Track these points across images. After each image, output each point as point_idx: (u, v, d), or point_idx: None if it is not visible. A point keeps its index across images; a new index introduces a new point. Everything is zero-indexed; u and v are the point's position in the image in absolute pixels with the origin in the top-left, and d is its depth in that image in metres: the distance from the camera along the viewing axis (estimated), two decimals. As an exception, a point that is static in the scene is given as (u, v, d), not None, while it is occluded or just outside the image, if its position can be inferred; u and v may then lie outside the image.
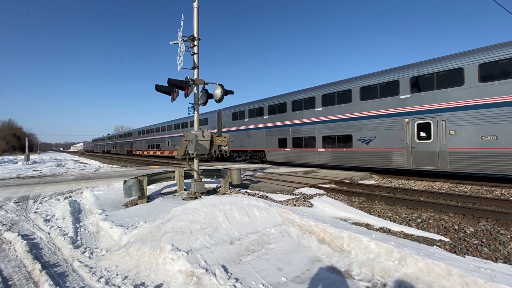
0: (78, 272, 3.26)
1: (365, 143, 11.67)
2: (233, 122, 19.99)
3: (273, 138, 16.53)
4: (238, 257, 3.38)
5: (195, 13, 6.80)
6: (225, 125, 20.78)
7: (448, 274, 2.64)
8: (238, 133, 19.40)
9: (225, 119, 20.81)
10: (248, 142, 18.59)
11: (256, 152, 18.25)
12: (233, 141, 19.41)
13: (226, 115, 20.71)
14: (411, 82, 10.34)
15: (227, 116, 20.64)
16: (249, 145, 18.51)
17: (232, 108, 20.48)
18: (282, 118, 15.97)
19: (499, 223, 4.88)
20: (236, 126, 19.69)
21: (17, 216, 5.69)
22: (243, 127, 19.04)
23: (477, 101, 8.80)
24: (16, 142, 64.40)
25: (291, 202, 6.28)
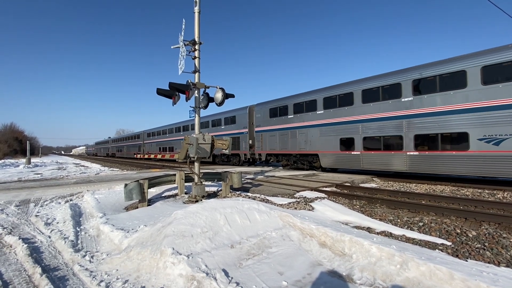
0: (79, 276, 3.25)
1: (493, 144, 8.57)
2: (271, 120, 16.77)
3: (331, 138, 13.33)
4: (239, 261, 3.36)
5: (196, 18, 6.85)
6: (259, 123, 17.74)
7: (451, 278, 2.62)
8: (278, 132, 16.29)
9: (259, 116, 17.75)
10: (293, 143, 15.31)
11: (304, 156, 15.06)
12: (270, 143, 16.81)
13: (261, 111, 17.58)
14: None
15: (262, 113, 17.51)
16: (294, 148, 15.27)
17: (270, 103, 17.24)
18: (347, 113, 12.69)
19: (502, 226, 4.85)
20: (275, 124, 16.48)
21: (18, 219, 5.69)
22: (286, 126, 15.78)
23: None
24: (18, 145, 64.63)
25: (292, 205, 6.26)
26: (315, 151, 14.23)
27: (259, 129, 17.85)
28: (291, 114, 15.64)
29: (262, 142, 17.42)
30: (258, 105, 18.39)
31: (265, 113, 17.47)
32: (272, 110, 16.95)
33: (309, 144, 14.50)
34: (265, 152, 17.36)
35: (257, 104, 18.50)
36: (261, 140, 17.51)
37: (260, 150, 17.68)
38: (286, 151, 15.93)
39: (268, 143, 17.08)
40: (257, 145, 17.87)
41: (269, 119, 17.05)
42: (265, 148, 17.33)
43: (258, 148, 17.79)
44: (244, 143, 19.19)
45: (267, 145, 17.11)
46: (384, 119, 11.37)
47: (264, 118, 17.47)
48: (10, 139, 63.61)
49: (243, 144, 19.31)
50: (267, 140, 17.14)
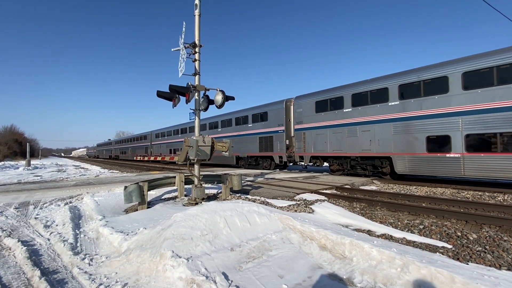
0: (78, 279, 3.24)
1: None
2: (318, 115, 13.94)
3: (412, 137, 10.28)
4: (238, 264, 3.35)
5: (196, 21, 6.89)
6: (300, 120, 14.89)
7: (452, 281, 2.61)
8: (328, 130, 13.42)
9: (300, 111, 14.91)
10: (351, 143, 12.40)
11: (367, 160, 12.08)
12: (316, 143, 13.97)
13: (304, 105, 14.73)
14: None
15: (305, 107, 14.64)
16: (352, 148, 12.34)
17: (316, 95, 14.29)
18: (438, 103, 9.70)
19: (502, 229, 4.83)
20: (325, 120, 13.65)
21: (17, 222, 5.68)
22: (340, 121, 12.90)
23: None
24: (18, 147, 64.62)
25: (292, 208, 6.25)
26: (386, 153, 11.09)
27: (301, 126, 14.76)
28: (348, 107, 12.54)
29: (304, 142, 14.56)
30: (299, 98, 15.31)
31: (309, 107, 14.41)
32: (320, 104, 13.89)
33: (377, 144, 11.40)
34: (308, 154, 14.33)
35: (298, 97, 15.47)
36: (303, 140, 14.57)
37: (302, 152, 14.71)
38: (340, 153, 12.91)
39: (313, 143, 14.08)
40: (297, 146, 14.97)
41: (315, 114, 14.06)
42: (309, 149, 14.33)
43: (299, 149, 14.91)
44: (279, 143, 16.24)
45: (311, 146, 14.12)
46: (503, 109, 8.30)
47: (307, 113, 14.46)
48: (10, 141, 63.62)
49: (277, 144, 16.32)
50: (311, 139, 14.15)
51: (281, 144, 16.14)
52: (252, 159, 18.82)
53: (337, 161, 13.49)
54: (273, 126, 16.74)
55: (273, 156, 16.82)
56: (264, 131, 17.41)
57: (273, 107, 16.90)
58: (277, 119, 16.48)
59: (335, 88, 13.64)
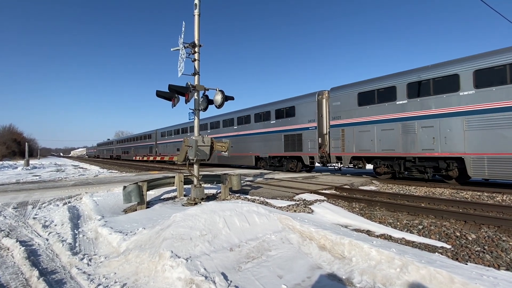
0: (76, 279, 3.23)
1: None
2: (362, 109, 11.92)
3: (494, 133, 8.49)
4: (238, 264, 3.34)
5: (196, 20, 6.88)
6: (337, 114, 12.95)
7: (451, 281, 2.61)
8: (376, 126, 11.35)
9: (337, 105, 12.99)
10: (407, 141, 10.37)
11: (428, 161, 10.16)
12: (359, 141, 11.99)
13: (344, 98, 12.74)
14: None
15: (344, 100, 12.67)
16: (409, 148, 10.31)
17: (358, 85, 12.31)
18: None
19: (501, 229, 4.84)
20: (371, 114, 11.57)
21: (16, 222, 5.66)
22: (392, 116, 10.83)
23: None
24: (16, 147, 64.42)
25: (292, 208, 6.25)
26: (456, 153, 9.28)
27: (338, 122, 12.88)
28: (403, 98, 10.55)
29: (343, 141, 12.68)
30: (335, 90, 13.25)
31: (349, 99, 12.52)
32: (364, 95, 11.97)
33: (442, 142, 9.56)
34: (349, 154, 12.41)
35: (334, 88, 13.41)
36: (342, 138, 12.69)
37: (340, 152, 12.79)
38: (391, 153, 10.94)
39: (355, 142, 12.17)
40: (334, 145, 13.10)
41: (358, 108, 12.15)
42: (349, 148, 12.41)
43: (336, 149, 13.03)
44: (309, 142, 14.23)
45: (352, 145, 12.23)
46: None
47: (347, 107, 12.56)
48: (9, 140, 63.44)
49: (307, 143, 14.34)
50: (352, 137, 12.25)
51: (312, 143, 14.16)
52: (275, 160, 16.64)
53: (386, 163, 11.43)
54: (302, 122, 14.67)
55: (302, 156, 14.75)
56: (290, 128, 15.39)
57: (302, 101, 14.82)
58: (307, 114, 14.42)
59: (384, 77, 11.48)
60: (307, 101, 14.56)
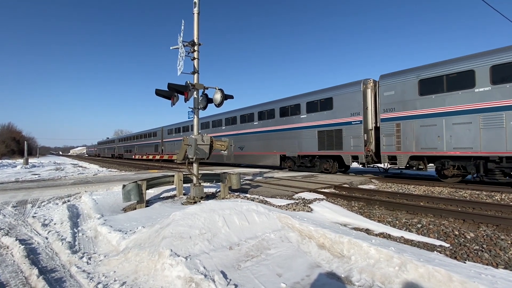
0: (76, 277, 3.23)
1: None
2: (425, 99, 10.02)
3: None
4: (237, 263, 3.35)
5: (195, 19, 6.86)
6: (391, 106, 10.93)
7: (449, 280, 2.62)
8: (443, 120, 9.57)
9: (390, 95, 10.98)
10: (490, 138, 8.69)
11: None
12: (420, 138, 10.13)
13: (399, 86, 10.76)
14: None
15: (401, 89, 10.73)
16: (493, 146, 8.64)
17: (418, 71, 10.34)
18: None
19: (500, 228, 4.86)
20: (436, 105, 9.75)
21: (15, 220, 5.66)
22: (467, 107, 9.12)
23: None
24: (15, 145, 64.30)
25: (291, 207, 6.26)
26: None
27: (392, 115, 10.94)
28: (484, 84, 8.73)
29: (398, 137, 10.75)
30: (387, 77, 11.20)
31: (407, 88, 10.56)
32: (428, 83, 10.06)
33: None
34: (407, 153, 10.47)
35: (385, 76, 11.33)
36: (397, 134, 10.77)
37: (394, 150, 10.81)
38: (467, 152, 9.11)
39: (415, 138, 10.28)
40: (385, 142, 11.11)
41: (419, 97, 10.23)
42: (407, 146, 10.48)
43: (388, 147, 11.03)
44: (352, 139, 12.31)
45: (412, 142, 10.32)
46: None
47: (405, 97, 10.62)
48: (8, 139, 63.33)
49: (349, 140, 12.42)
50: (412, 132, 10.35)
51: (356, 140, 12.20)
52: (306, 159, 14.70)
53: (457, 164, 9.63)
54: (342, 116, 12.77)
55: (342, 155, 12.83)
56: (326, 123, 13.48)
57: (342, 91, 12.86)
58: (349, 106, 12.46)
59: (455, 60, 9.62)
60: (350, 91, 12.51)
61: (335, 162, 13.62)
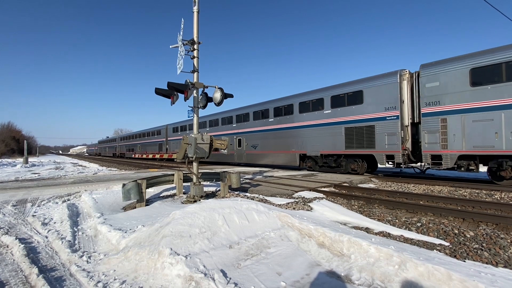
0: (76, 276, 3.23)
1: None
2: (478, 91, 8.99)
3: None
4: (237, 262, 3.36)
5: (195, 17, 6.84)
6: (435, 99, 9.87)
7: (449, 278, 2.62)
8: (502, 114, 8.56)
9: (436, 86, 9.85)
10: None
11: None
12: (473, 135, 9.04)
13: (446, 76, 9.63)
14: None
15: (447, 79, 9.60)
16: None
17: (468, 58, 9.31)
18: None
19: (499, 227, 4.87)
20: (492, 98, 8.77)
21: (15, 219, 5.66)
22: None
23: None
24: (15, 145, 64.27)
25: (291, 205, 6.26)
26: None
27: (436, 109, 9.86)
28: None
29: (445, 134, 9.69)
30: (430, 66, 10.07)
31: (455, 78, 9.47)
32: (482, 72, 8.98)
33: None
34: (455, 152, 9.41)
35: (427, 65, 10.18)
36: (443, 130, 9.75)
37: (438, 149, 9.72)
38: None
39: (465, 135, 9.21)
40: (428, 139, 10.03)
41: (471, 88, 9.13)
42: (455, 144, 9.40)
43: (432, 145, 9.94)
44: (387, 136, 11.14)
45: (461, 139, 9.31)
46: None
47: (453, 88, 9.50)
48: (8, 138, 63.28)
49: (383, 138, 11.25)
50: (461, 129, 9.30)
51: (391, 137, 11.02)
52: (331, 159, 13.53)
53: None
54: (374, 110, 11.62)
55: (374, 154, 11.62)
56: (356, 119, 12.30)
57: (375, 84, 11.67)
58: (383, 100, 11.29)
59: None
60: (384, 83, 11.34)
61: (364, 162, 12.49)
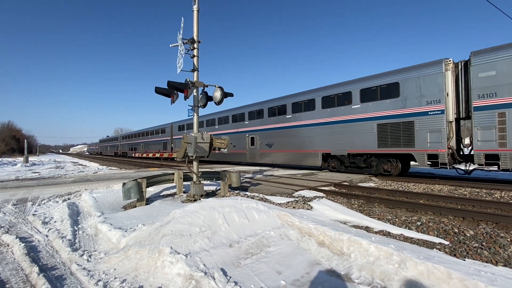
0: (76, 275, 3.24)
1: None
2: None
3: None
4: (237, 260, 3.36)
5: (195, 16, 6.83)
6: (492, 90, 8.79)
7: (448, 277, 2.63)
8: None
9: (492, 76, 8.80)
10: None
11: None
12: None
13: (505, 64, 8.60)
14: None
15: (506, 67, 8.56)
16: None
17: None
18: None
19: (499, 226, 4.87)
20: None
21: (15, 218, 5.66)
22: None
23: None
24: (15, 144, 64.28)
25: (291, 204, 6.26)
26: None
27: (491, 102, 8.79)
28: None
29: (502, 131, 8.58)
30: (484, 53, 9.00)
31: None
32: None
33: None
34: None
35: (480, 52, 9.10)
36: (501, 126, 8.58)
37: (495, 147, 8.67)
38: None
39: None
40: (482, 137, 8.95)
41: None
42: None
43: (485, 143, 8.89)
44: (429, 133, 10.00)
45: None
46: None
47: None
48: (8, 137, 63.28)
49: (424, 135, 10.14)
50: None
51: (434, 134, 9.90)
52: (359, 159, 12.34)
53: None
54: (414, 104, 10.43)
55: (413, 153, 10.41)
56: (391, 114, 11.06)
57: (414, 74, 10.45)
58: (424, 92, 10.15)
59: None
60: (426, 73, 10.13)
61: (398, 162, 11.36)
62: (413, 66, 10.80)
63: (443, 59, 9.91)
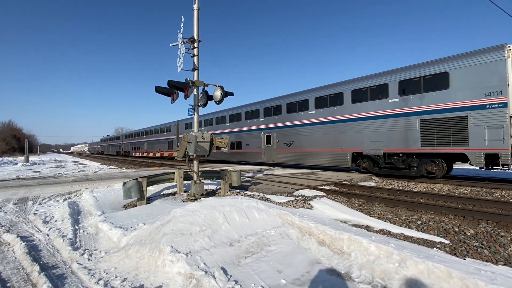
0: (77, 274, 3.25)
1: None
2: None
3: None
4: (237, 259, 3.37)
5: (195, 15, 6.82)
6: None
7: (449, 276, 2.63)
8: None
9: None
10: None
11: None
12: None
13: None
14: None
15: None
16: None
17: None
18: None
19: (499, 225, 4.87)
20: None
21: (16, 217, 5.68)
22: None
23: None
24: (16, 143, 64.33)
25: (291, 204, 6.27)
26: None
27: None
28: None
29: None
30: None
31: None
32: None
33: None
34: None
35: None
36: None
37: None
38: None
39: None
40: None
41: None
42: None
43: None
44: (487, 129, 8.72)
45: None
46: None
47: None
48: (8, 137, 63.34)
49: (480, 132, 8.84)
50: None
51: (494, 131, 8.62)
52: (397, 159, 10.90)
53: None
54: (467, 97, 9.11)
55: (467, 153, 9.07)
56: (437, 108, 9.74)
57: (467, 62, 9.15)
58: (480, 83, 8.86)
59: None
60: (484, 61, 8.81)
61: (443, 162, 10.16)
62: (465, 54, 9.50)
63: (504, 44, 8.55)
